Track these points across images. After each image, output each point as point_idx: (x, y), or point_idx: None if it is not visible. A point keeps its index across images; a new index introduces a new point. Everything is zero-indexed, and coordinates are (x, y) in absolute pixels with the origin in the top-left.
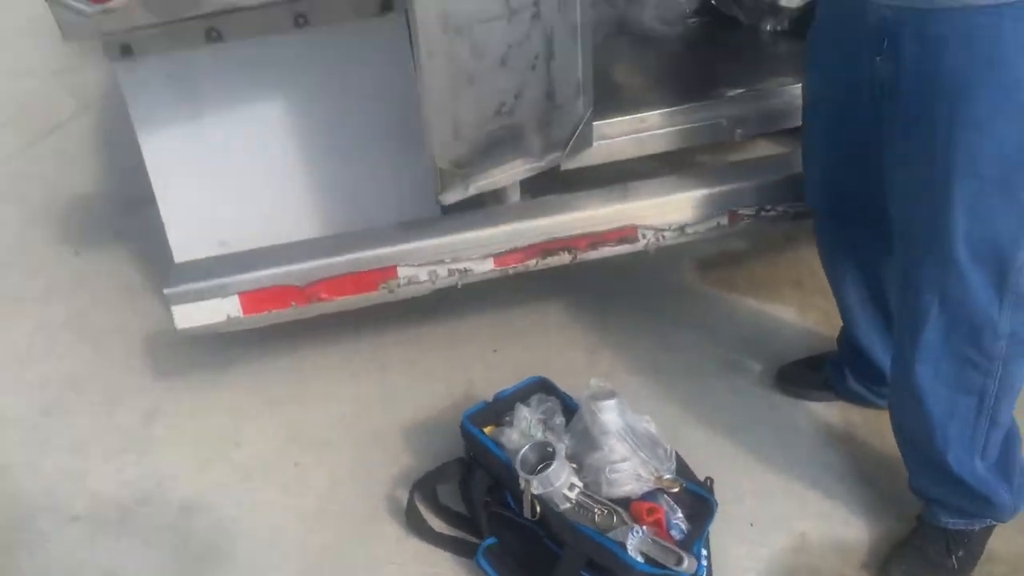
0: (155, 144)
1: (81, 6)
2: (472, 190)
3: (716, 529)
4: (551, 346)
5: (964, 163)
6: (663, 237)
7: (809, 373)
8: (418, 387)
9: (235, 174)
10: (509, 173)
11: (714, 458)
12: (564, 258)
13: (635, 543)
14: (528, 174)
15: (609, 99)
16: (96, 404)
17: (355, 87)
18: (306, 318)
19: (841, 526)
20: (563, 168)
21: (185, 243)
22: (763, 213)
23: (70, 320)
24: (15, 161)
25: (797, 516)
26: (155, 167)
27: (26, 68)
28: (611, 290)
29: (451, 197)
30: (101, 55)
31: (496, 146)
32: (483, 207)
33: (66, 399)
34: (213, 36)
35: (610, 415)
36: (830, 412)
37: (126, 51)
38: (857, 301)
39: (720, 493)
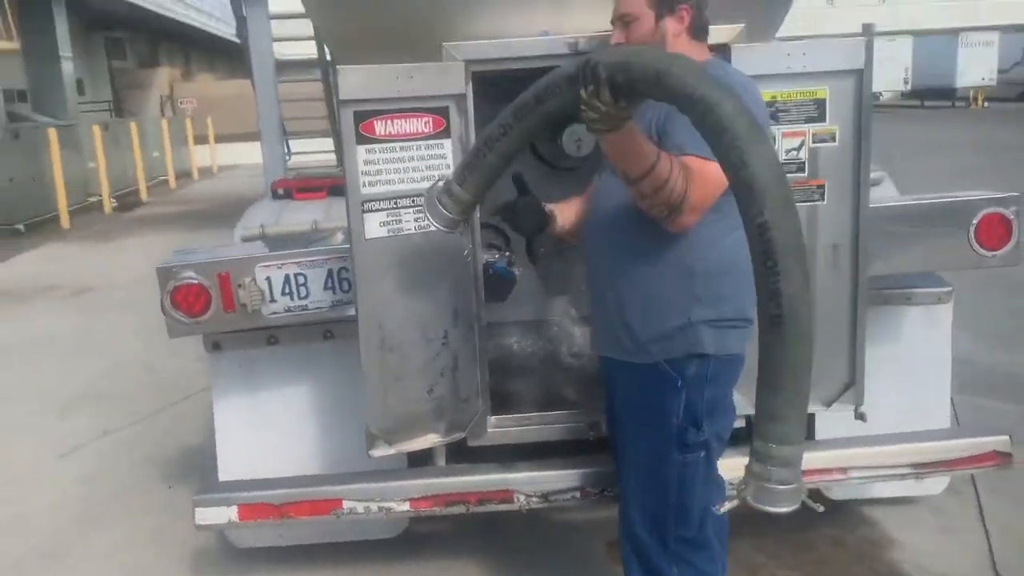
0: (223, 408)
1: (181, 317)
2: (394, 450)
3: None
4: None
5: None
6: (532, 501)
7: None
8: None
9: (271, 430)
10: (423, 441)
11: None
12: (461, 508)
13: None
14: (437, 444)
15: (502, 400)
16: None
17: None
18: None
19: None
20: (469, 444)
21: (230, 474)
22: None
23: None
24: (152, 419)
25: None
26: (220, 425)
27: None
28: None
29: (377, 453)
30: None
31: (414, 423)
32: (415, 467)
33: None
34: (272, 340)
35: None
36: None
37: (216, 346)
38: None
39: None
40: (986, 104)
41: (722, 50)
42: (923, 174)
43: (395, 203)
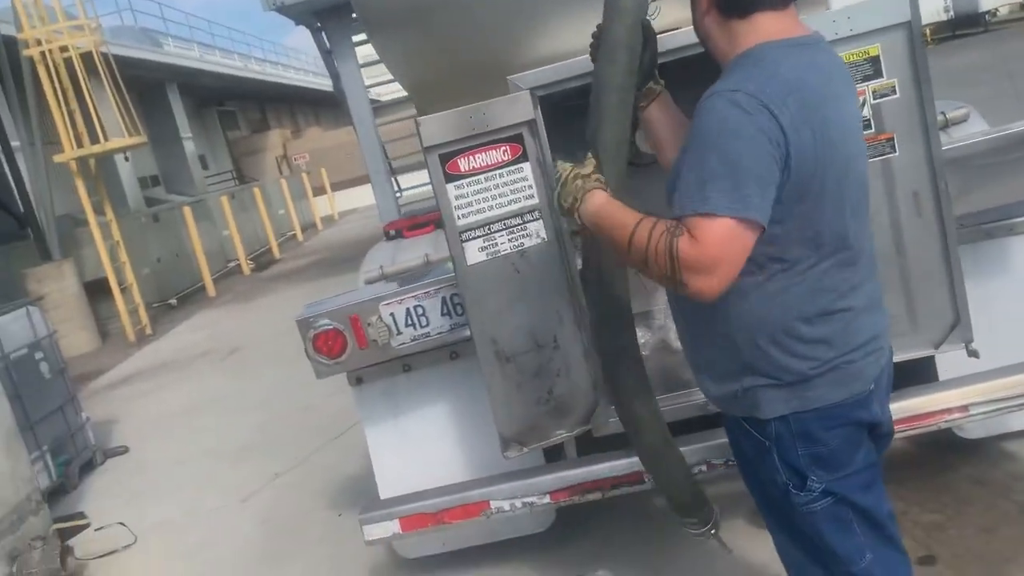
0: (374, 434)
1: (323, 360)
2: (527, 450)
3: None
4: None
5: None
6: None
7: None
8: None
9: (418, 447)
10: (552, 438)
11: None
12: (597, 494)
13: None
14: (564, 439)
15: None
16: None
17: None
18: None
19: None
20: (595, 435)
21: (388, 492)
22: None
23: None
24: (316, 456)
25: None
26: (374, 450)
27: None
28: None
29: (512, 454)
30: None
31: (540, 422)
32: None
33: None
34: (407, 368)
35: None
36: None
37: (359, 380)
38: None
39: None
40: None
41: None
42: None
43: (489, 228)
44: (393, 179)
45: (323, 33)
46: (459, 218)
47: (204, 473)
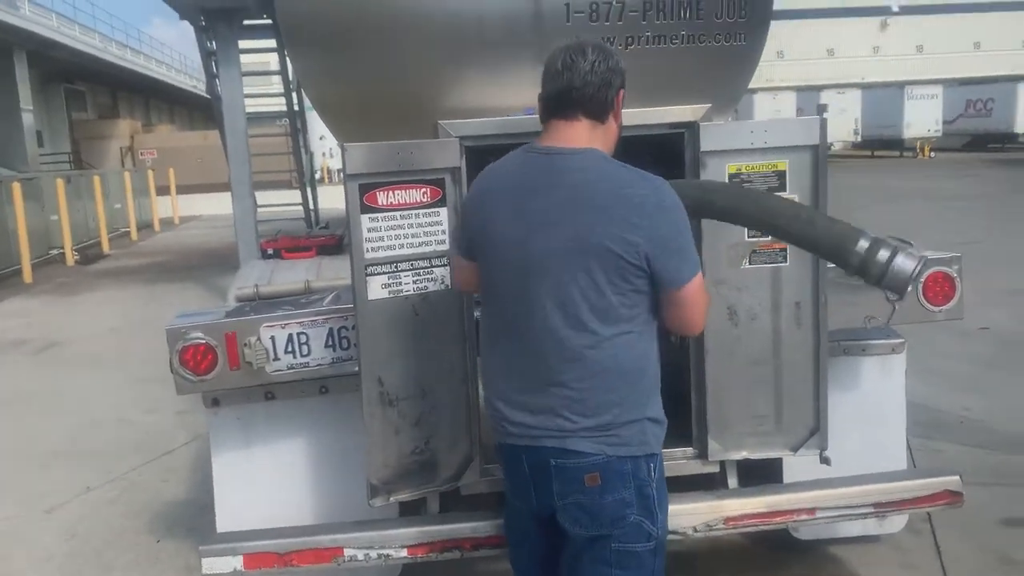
0: (221, 462)
1: (188, 375)
2: (393, 500)
3: None
4: None
5: None
6: None
7: None
8: None
9: (268, 482)
10: (421, 491)
11: None
12: (456, 553)
13: None
14: (432, 493)
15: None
16: None
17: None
18: None
19: None
20: (463, 493)
21: (228, 525)
22: None
23: None
24: (134, 474)
25: None
26: (218, 478)
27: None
28: None
29: (378, 502)
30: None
31: (412, 473)
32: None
33: None
34: (269, 396)
35: None
36: None
37: (215, 402)
38: None
39: None
40: (932, 154)
41: (690, 128)
42: (880, 223)
43: (396, 267)
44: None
45: (208, 32)
46: (368, 251)
47: (3, 477)
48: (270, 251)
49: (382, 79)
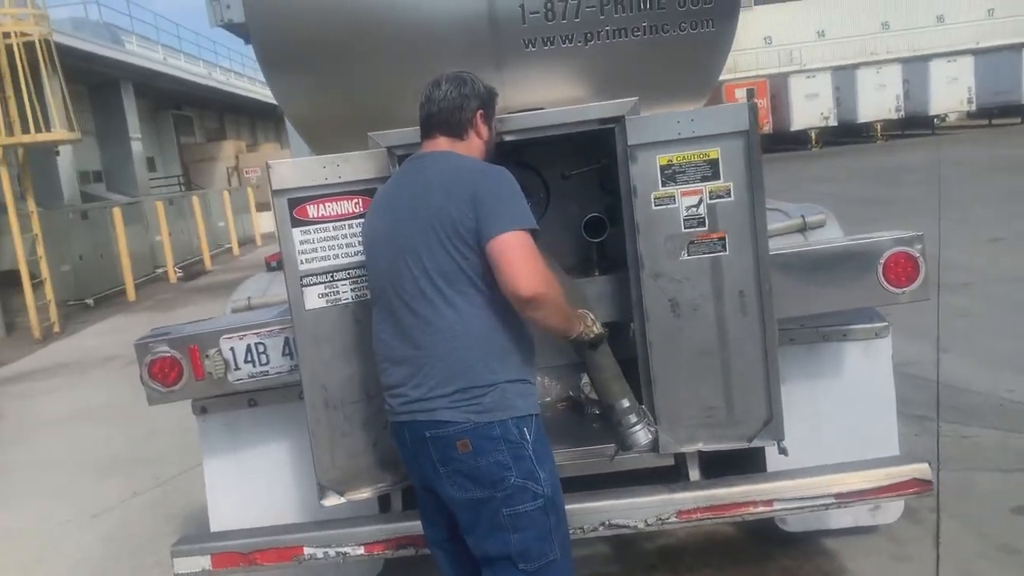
0: (212, 466)
1: (157, 387)
2: (344, 499)
3: None
4: None
5: None
6: None
7: None
8: None
9: (255, 484)
10: (371, 490)
11: None
12: (410, 551)
13: None
14: (383, 492)
15: None
16: None
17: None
18: None
19: None
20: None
21: (220, 526)
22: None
23: None
24: (181, 479)
25: None
26: (210, 482)
27: None
28: None
29: (329, 502)
30: None
31: (361, 473)
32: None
33: None
34: (252, 403)
35: None
36: None
37: (203, 410)
38: None
39: None
40: None
41: (618, 122)
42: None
43: (332, 276)
44: None
45: None
46: (301, 263)
47: (64, 483)
48: (273, 264)
49: (352, 93)
